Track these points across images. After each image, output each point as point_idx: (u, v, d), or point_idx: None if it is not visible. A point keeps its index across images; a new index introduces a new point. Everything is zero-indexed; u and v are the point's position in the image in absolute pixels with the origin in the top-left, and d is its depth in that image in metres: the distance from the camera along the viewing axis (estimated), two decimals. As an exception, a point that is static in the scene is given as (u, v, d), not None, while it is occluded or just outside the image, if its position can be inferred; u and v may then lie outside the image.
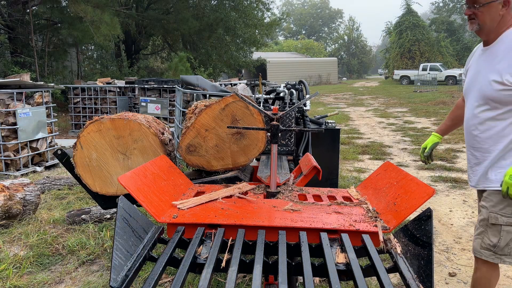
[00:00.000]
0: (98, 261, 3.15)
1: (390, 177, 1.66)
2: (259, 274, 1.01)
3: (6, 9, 12.42)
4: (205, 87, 5.44)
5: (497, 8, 1.80)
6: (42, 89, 6.36)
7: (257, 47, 22.39)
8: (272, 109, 1.76)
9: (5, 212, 3.65)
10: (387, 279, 1.03)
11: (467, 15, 1.89)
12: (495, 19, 1.83)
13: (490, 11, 1.82)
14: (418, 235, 1.18)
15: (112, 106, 9.96)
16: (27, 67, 12.68)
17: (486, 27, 1.86)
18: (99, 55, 21.55)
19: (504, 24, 1.84)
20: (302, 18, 71.63)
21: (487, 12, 1.82)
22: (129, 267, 1.06)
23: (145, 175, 1.58)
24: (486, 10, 1.82)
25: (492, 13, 1.82)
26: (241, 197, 1.67)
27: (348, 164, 6.61)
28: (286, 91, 3.32)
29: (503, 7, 1.80)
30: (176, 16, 16.87)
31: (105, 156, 1.95)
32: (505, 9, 1.81)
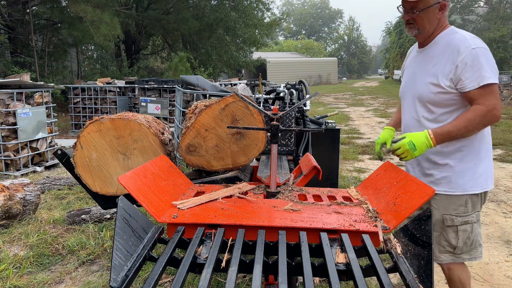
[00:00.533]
0: (98, 261, 3.15)
1: (390, 177, 1.66)
2: (259, 274, 1.01)
3: (6, 9, 12.41)
4: (205, 87, 5.44)
5: (434, 12, 1.83)
6: (42, 89, 6.36)
7: (257, 47, 22.38)
8: (272, 109, 1.76)
9: (5, 212, 3.65)
10: (387, 279, 1.03)
11: (405, 20, 1.90)
12: (433, 23, 1.85)
13: (428, 15, 1.83)
14: (418, 235, 1.18)
15: (112, 106, 9.96)
16: (27, 67, 12.68)
17: (425, 31, 1.88)
18: (99, 55, 21.55)
19: (439, 26, 1.88)
20: (302, 18, 71.61)
21: (426, 17, 1.84)
22: (129, 267, 1.06)
23: (145, 175, 1.58)
24: (425, 15, 1.83)
25: (430, 17, 1.84)
26: (241, 197, 1.67)
27: (348, 164, 6.61)
28: (286, 91, 3.32)
29: (440, 11, 1.84)
30: (176, 16, 16.86)
31: (105, 156, 1.95)
32: (442, 12, 1.85)
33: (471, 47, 1.75)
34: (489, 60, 1.75)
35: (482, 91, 1.73)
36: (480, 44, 1.78)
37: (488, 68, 1.73)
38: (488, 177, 1.91)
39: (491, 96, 1.73)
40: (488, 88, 1.73)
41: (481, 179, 1.88)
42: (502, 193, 5.01)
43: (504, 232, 3.84)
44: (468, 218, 1.89)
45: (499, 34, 33.20)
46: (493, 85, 1.74)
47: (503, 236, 3.73)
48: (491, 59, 1.76)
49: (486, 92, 1.73)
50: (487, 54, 1.76)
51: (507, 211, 4.38)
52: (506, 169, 6.20)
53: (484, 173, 1.89)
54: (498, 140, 8.23)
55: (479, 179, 1.88)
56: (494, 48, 33.44)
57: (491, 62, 1.76)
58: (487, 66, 1.74)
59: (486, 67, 1.73)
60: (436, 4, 1.82)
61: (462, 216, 1.89)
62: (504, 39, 33.33)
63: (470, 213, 1.90)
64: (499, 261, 3.25)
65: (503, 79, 18.59)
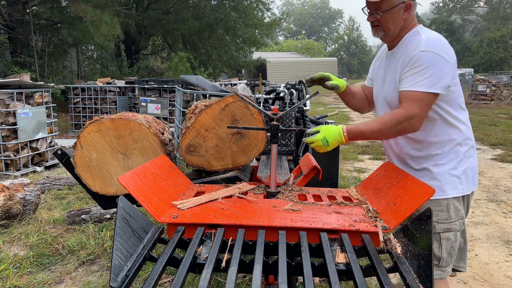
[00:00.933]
0: (98, 261, 3.15)
1: (390, 177, 1.66)
2: (259, 274, 1.01)
3: (6, 9, 12.41)
4: (205, 87, 5.44)
5: (399, 12, 1.72)
6: (42, 89, 6.36)
7: (257, 47, 22.38)
8: (272, 109, 1.76)
9: (5, 212, 3.65)
10: (387, 279, 1.03)
11: (370, 22, 1.80)
12: (399, 24, 1.74)
13: (393, 16, 1.72)
14: (418, 235, 1.18)
15: (112, 106, 9.95)
16: (27, 67, 12.68)
17: (390, 33, 1.77)
18: (99, 55, 21.55)
19: (405, 27, 1.77)
20: (302, 18, 71.60)
21: (390, 18, 1.73)
22: (129, 267, 1.06)
23: (145, 175, 1.58)
24: (389, 16, 1.72)
25: (395, 18, 1.73)
26: (241, 197, 1.67)
27: (348, 164, 6.61)
28: (286, 91, 3.32)
29: (405, 11, 1.72)
30: (176, 16, 16.86)
31: (105, 156, 1.95)
32: (407, 13, 1.73)
33: (420, 49, 1.63)
34: (433, 67, 1.60)
35: (410, 95, 1.63)
36: (434, 48, 1.62)
37: (427, 75, 1.60)
38: (469, 179, 1.79)
39: (416, 104, 1.61)
40: (416, 94, 1.61)
41: (461, 181, 1.77)
42: (502, 193, 5.01)
43: (504, 232, 3.84)
44: (451, 225, 1.76)
45: (499, 34, 33.20)
46: (423, 94, 1.60)
47: (503, 236, 3.73)
48: (439, 67, 1.60)
49: (413, 98, 1.62)
50: (434, 59, 1.61)
51: (507, 211, 4.38)
52: (506, 169, 6.20)
53: (464, 175, 1.77)
54: (498, 140, 8.23)
55: (459, 181, 1.76)
56: (494, 48, 33.45)
57: (435, 70, 1.60)
58: (427, 72, 1.60)
59: (424, 73, 1.60)
60: (401, 4, 1.70)
61: (444, 222, 1.76)
62: (504, 39, 33.32)
63: (453, 220, 1.77)
64: (499, 261, 3.25)
65: (503, 79, 18.60)
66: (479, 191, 5.07)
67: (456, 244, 1.80)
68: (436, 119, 1.75)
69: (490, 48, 33.86)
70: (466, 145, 1.80)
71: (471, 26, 43.83)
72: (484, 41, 34.63)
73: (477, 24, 43.02)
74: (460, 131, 1.78)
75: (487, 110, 14.14)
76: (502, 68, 31.55)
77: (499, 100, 16.29)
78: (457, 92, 1.75)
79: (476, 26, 42.85)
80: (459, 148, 1.78)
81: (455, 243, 1.79)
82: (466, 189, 1.78)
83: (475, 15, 43.01)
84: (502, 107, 14.97)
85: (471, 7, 41.98)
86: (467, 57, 36.68)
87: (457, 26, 41.11)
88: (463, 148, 1.78)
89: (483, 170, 6.11)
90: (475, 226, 3.97)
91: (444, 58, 1.62)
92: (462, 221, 1.81)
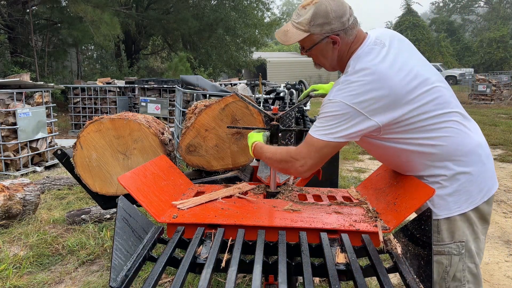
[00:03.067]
0: (98, 261, 3.15)
1: (390, 177, 1.66)
2: (259, 274, 1.01)
3: (6, 9, 12.41)
4: (205, 87, 5.43)
5: (327, 47, 1.55)
6: (42, 89, 6.36)
7: (257, 47, 22.38)
8: (272, 109, 1.76)
9: (5, 212, 3.65)
10: (387, 279, 1.03)
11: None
12: (330, 57, 1.59)
13: (321, 52, 1.58)
14: (418, 235, 1.18)
15: (112, 106, 9.95)
16: (27, 67, 12.68)
17: (326, 66, 1.64)
18: (99, 55, 21.56)
19: (348, 52, 1.57)
20: (302, 18, 71.54)
21: (319, 54, 1.59)
22: (129, 267, 1.06)
23: (145, 175, 1.58)
24: (316, 52, 1.59)
25: (324, 54, 1.58)
26: (241, 197, 1.67)
27: (348, 164, 6.61)
28: (286, 91, 3.32)
29: (334, 45, 1.54)
30: (176, 16, 16.86)
31: (105, 156, 1.95)
32: (337, 45, 1.54)
33: (329, 97, 1.49)
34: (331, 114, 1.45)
35: (307, 138, 1.51)
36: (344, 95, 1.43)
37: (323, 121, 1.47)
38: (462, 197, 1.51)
39: (307, 148, 1.49)
40: (311, 139, 1.48)
41: (455, 200, 1.51)
42: (502, 193, 5.01)
43: (504, 232, 3.83)
44: (444, 248, 1.52)
45: (499, 34, 33.19)
46: (317, 140, 1.45)
47: (503, 236, 3.73)
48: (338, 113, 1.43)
49: (308, 141, 1.50)
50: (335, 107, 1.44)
51: (507, 211, 4.38)
52: (506, 169, 6.20)
53: (456, 193, 1.51)
54: (498, 140, 8.23)
55: (452, 199, 1.51)
56: (494, 48, 33.46)
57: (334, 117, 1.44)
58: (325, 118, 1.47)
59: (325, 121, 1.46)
60: (325, 39, 1.52)
61: (436, 244, 1.52)
62: (504, 39, 33.31)
63: (447, 243, 1.53)
64: (499, 261, 3.25)
65: (503, 79, 18.60)
66: (479, 191, 5.07)
67: (451, 269, 1.56)
68: (402, 151, 1.52)
69: (490, 48, 33.85)
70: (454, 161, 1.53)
71: (471, 26, 43.83)
72: (484, 41, 34.63)
73: (477, 24, 43.02)
74: (436, 152, 1.51)
75: (487, 110, 14.14)
76: (502, 68, 31.55)
77: (499, 100, 16.29)
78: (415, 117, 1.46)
79: (476, 26, 42.86)
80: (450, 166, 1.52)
81: (449, 267, 1.55)
82: (456, 209, 1.51)
83: (475, 15, 43.03)
84: (502, 107, 14.97)
85: (471, 7, 42.00)
86: (467, 57, 36.67)
87: (457, 26, 41.09)
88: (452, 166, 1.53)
89: (483, 170, 6.12)
90: (475, 226, 3.98)
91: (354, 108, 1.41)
92: (462, 244, 1.54)
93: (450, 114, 1.50)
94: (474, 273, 1.58)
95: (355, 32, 1.55)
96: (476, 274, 1.58)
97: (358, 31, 1.56)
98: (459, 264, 1.55)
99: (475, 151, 1.52)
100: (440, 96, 1.48)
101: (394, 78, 1.41)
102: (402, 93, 1.41)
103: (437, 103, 1.47)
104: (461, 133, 1.51)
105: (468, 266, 1.56)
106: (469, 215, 1.53)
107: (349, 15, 1.50)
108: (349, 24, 1.51)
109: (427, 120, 1.47)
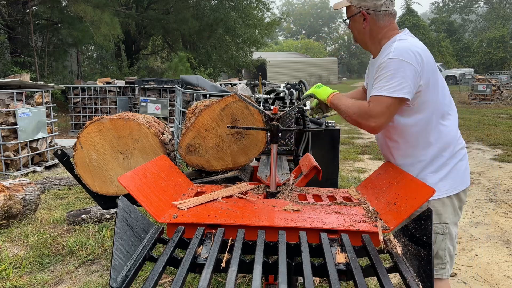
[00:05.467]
0: (98, 261, 3.15)
1: (390, 177, 1.66)
2: (259, 274, 1.01)
3: (6, 9, 12.41)
4: (205, 87, 5.43)
5: (359, 21, 1.82)
6: (42, 89, 6.36)
7: (257, 47, 22.37)
8: (272, 109, 1.76)
9: (5, 212, 3.65)
10: (387, 279, 1.03)
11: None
12: (363, 33, 1.84)
13: (355, 25, 1.85)
14: (418, 235, 1.18)
15: (112, 106, 9.95)
16: (27, 67, 12.68)
17: (358, 41, 1.91)
18: (99, 55, 21.56)
19: (383, 36, 1.80)
20: (302, 18, 71.56)
21: (354, 27, 1.87)
22: (129, 267, 1.06)
23: (145, 175, 1.58)
24: (353, 24, 1.86)
25: (358, 28, 1.85)
26: (241, 197, 1.67)
27: (348, 164, 6.61)
28: (286, 91, 3.31)
29: (364, 21, 1.81)
30: (176, 16, 16.86)
31: (105, 156, 1.95)
32: (366, 22, 1.80)
33: (389, 56, 1.67)
34: (398, 72, 1.63)
35: (376, 98, 1.67)
36: (401, 55, 1.65)
37: (391, 80, 1.63)
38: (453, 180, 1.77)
39: (379, 106, 1.65)
40: (381, 98, 1.65)
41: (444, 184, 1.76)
42: (502, 193, 5.01)
43: (504, 232, 3.84)
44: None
45: (499, 34, 33.19)
46: (387, 98, 1.63)
47: (503, 236, 3.73)
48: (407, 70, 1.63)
49: (378, 101, 1.66)
50: (399, 65, 1.63)
51: (507, 211, 4.38)
52: (506, 169, 6.20)
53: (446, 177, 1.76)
54: (498, 140, 8.23)
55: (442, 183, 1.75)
56: (494, 48, 33.45)
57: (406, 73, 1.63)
58: (392, 78, 1.63)
59: (390, 79, 1.64)
60: (358, 13, 1.80)
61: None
62: (504, 39, 33.31)
63: (434, 223, 1.74)
64: (499, 261, 3.25)
65: (503, 79, 18.59)
66: (479, 191, 5.07)
67: (435, 246, 1.76)
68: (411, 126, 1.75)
69: (490, 48, 33.84)
70: (447, 150, 1.78)
71: (471, 26, 43.83)
72: (484, 41, 34.62)
73: (477, 24, 43.03)
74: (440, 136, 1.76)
75: (487, 110, 14.14)
76: (502, 68, 31.53)
77: (499, 100, 16.29)
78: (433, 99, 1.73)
79: (476, 26, 42.86)
80: (440, 153, 1.77)
81: (433, 245, 1.63)
82: (450, 190, 1.76)
83: (475, 15, 43.03)
84: (502, 107, 14.97)
85: (471, 7, 42.00)
86: (467, 57, 36.66)
87: (457, 26, 41.08)
88: (445, 153, 1.77)
89: (483, 170, 6.12)
90: (475, 226, 3.97)
91: (410, 64, 1.63)
92: (446, 225, 1.76)
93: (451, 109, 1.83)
94: (452, 255, 1.82)
95: (389, 21, 1.80)
96: (453, 257, 1.83)
97: (393, 23, 1.83)
98: (442, 243, 1.77)
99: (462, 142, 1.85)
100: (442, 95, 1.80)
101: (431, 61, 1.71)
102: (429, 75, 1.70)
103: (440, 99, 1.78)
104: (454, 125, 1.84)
105: (448, 247, 1.79)
106: (453, 199, 1.78)
107: (384, 2, 1.77)
108: (382, 9, 1.77)
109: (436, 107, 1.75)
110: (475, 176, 5.77)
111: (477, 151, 7.47)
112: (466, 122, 10.66)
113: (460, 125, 11.47)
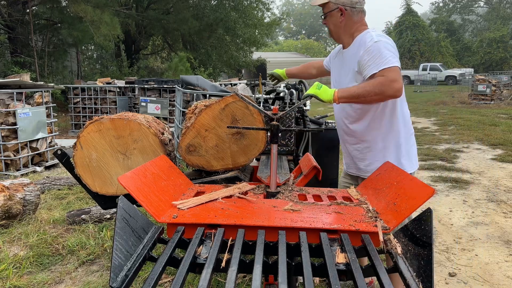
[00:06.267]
0: (98, 261, 3.15)
1: (390, 177, 1.66)
2: (259, 274, 1.01)
3: (6, 9, 12.41)
4: (205, 87, 5.43)
5: (336, 17, 2.07)
6: (42, 89, 6.36)
7: (257, 47, 22.37)
8: (272, 109, 1.76)
9: (5, 212, 3.65)
10: (387, 279, 1.03)
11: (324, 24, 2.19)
12: (338, 27, 2.10)
13: (332, 19, 2.10)
14: (418, 235, 1.17)
15: (112, 106, 9.95)
16: (27, 67, 12.68)
17: (333, 33, 2.16)
18: (99, 55, 21.57)
19: (355, 29, 2.08)
20: (302, 18, 71.54)
21: (331, 22, 2.11)
22: (129, 267, 1.06)
23: (145, 175, 1.58)
24: (329, 19, 2.11)
25: (334, 22, 2.10)
26: (241, 197, 1.67)
27: (348, 164, 6.60)
28: (286, 91, 3.31)
29: (341, 16, 2.06)
30: (176, 16, 16.86)
31: (105, 156, 1.95)
32: (343, 17, 2.06)
33: (374, 40, 1.92)
34: (389, 49, 1.90)
35: (383, 71, 1.86)
36: (383, 39, 1.94)
37: (388, 55, 1.87)
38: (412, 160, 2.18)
39: (391, 72, 1.84)
40: (388, 69, 1.85)
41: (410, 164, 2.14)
42: (502, 193, 5.01)
43: (504, 232, 3.83)
44: None
45: (499, 34, 33.19)
46: (394, 67, 1.86)
47: (503, 236, 3.73)
48: (391, 48, 1.91)
49: (388, 70, 1.85)
50: (387, 45, 1.91)
51: (507, 211, 4.38)
52: (506, 169, 6.20)
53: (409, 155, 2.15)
54: (498, 140, 8.23)
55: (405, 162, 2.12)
56: (494, 48, 33.45)
57: (392, 50, 1.91)
58: (388, 53, 1.88)
59: (386, 54, 1.87)
60: (336, 9, 2.05)
61: None
62: (504, 39, 33.31)
63: None
64: (499, 261, 3.24)
65: (503, 79, 18.59)
66: (479, 191, 5.07)
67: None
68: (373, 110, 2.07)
69: (490, 48, 33.85)
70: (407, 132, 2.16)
71: (471, 26, 43.84)
72: (484, 41, 34.63)
73: (477, 24, 43.03)
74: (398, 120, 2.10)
75: (487, 110, 14.13)
76: (502, 68, 31.55)
77: (499, 100, 16.28)
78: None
79: (476, 26, 42.87)
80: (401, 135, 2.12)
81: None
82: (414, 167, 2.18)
83: (475, 15, 43.03)
84: (502, 107, 14.96)
85: (471, 7, 42.00)
86: (467, 57, 36.66)
87: (457, 26, 41.09)
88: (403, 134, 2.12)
89: (483, 170, 6.11)
90: (475, 226, 3.97)
91: (392, 44, 1.95)
92: None
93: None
94: None
95: (361, 17, 2.08)
96: None
97: (364, 19, 2.10)
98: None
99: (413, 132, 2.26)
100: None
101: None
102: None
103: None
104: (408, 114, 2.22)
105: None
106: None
107: (358, 0, 2.04)
108: (357, 6, 2.05)
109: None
110: (475, 176, 5.77)
111: (477, 151, 7.47)
112: (466, 122, 10.66)
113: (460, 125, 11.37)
